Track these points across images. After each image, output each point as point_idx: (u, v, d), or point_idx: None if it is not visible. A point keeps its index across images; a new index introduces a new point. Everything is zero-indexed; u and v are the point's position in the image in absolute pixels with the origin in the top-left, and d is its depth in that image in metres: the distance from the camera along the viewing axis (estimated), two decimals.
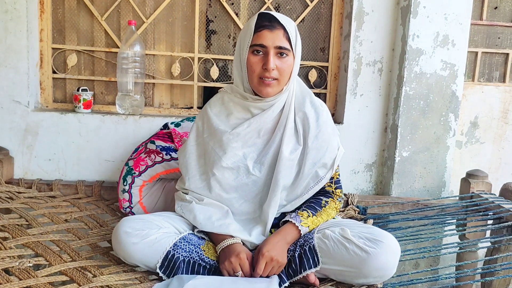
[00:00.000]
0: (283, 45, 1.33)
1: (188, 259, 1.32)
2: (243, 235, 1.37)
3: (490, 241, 1.78)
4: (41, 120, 2.09)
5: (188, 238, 1.37)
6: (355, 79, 2.19)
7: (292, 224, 1.37)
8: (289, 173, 1.41)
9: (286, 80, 1.38)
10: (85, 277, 1.28)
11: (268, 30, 1.32)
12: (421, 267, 2.21)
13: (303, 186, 1.43)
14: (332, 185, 1.50)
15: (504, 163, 2.48)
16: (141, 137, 2.08)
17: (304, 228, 1.37)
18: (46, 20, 2.13)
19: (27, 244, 1.45)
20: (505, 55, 2.46)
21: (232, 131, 1.42)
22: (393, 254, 1.27)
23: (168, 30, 2.24)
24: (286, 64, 1.35)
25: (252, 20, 1.35)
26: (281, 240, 1.34)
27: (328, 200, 1.47)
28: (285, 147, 1.41)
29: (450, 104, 2.15)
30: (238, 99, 1.43)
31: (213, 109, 1.48)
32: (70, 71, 2.20)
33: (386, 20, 2.16)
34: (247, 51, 1.35)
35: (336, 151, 1.45)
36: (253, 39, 1.33)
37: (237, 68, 1.41)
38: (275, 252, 1.30)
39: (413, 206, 1.98)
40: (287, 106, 1.43)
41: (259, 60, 1.34)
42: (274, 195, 1.39)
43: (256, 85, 1.37)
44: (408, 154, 2.16)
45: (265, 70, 1.33)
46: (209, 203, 1.44)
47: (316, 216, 1.41)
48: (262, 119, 1.42)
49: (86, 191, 2.01)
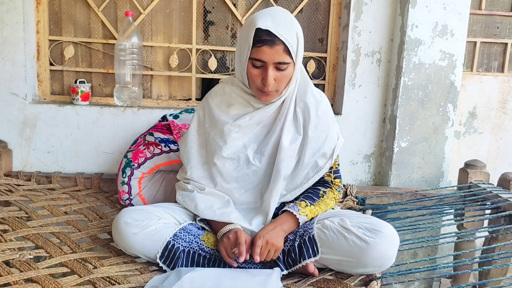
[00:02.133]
0: (282, 60, 1.30)
1: (188, 249, 1.33)
2: (244, 224, 1.38)
3: (487, 231, 1.79)
4: (39, 112, 2.08)
5: (188, 228, 1.38)
6: (354, 69, 2.18)
7: (289, 213, 1.38)
8: (289, 163, 1.42)
9: (285, 85, 1.38)
10: (86, 268, 1.29)
11: (268, 46, 1.27)
12: (419, 257, 2.22)
13: (303, 176, 1.44)
14: (331, 175, 1.50)
15: (502, 153, 2.49)
16: (139, 129, 2.08)
17: (302, 217, 1.38)
18: (42, 12, 2.12)
19: (27, 236, 1.45)
20: (504, 44, 2.45)
21: (234, 123, 1.42)
22: (392, 244, 1.28)
23: (166, 21, 2.23)
24: (286, 75, 1.34)
25: (251, 30, 1.28)
26: (277, 226, 1.35)
27: (326, 190, 1.48)
28: (284, 137, 1.41)
29: (449, 94, 2.15)
30: (240, 92, 1.44)
31: (214, 99, 1.48)
32: (67, 63, 2.19)
33: (384, 10, 2.15)
34: (246, 62, 1.33)
35: (335, 141, 1.46)
36: (252, 52, 1.29)
37: (238, 67, 1.41)
38: (270, 235, 1.31)
39: (411, 197, 1.99)
40: (288, 98, 1.43)
41: (258, 73, 1.32)
42: (275, 185, 1.40)
43: (255, 92, 1.38)
44: (406, 144, 2.16)
45: (264, 84, 1.33)
46: (210, 192, 1.44)
47: (314, 206, 1.42)
48: (264, 113, 1.43)
49: (85, 184, 2.01)
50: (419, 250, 2.23)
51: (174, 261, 1.31)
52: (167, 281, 1.21)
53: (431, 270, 1.53)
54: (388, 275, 1.36)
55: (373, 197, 1.97)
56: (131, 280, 1.26)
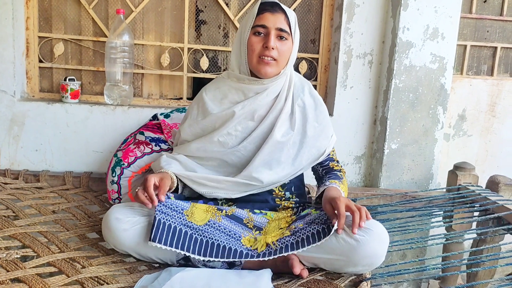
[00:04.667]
0: (283, 27, 1.40)
1: (174, 225, 1.30)
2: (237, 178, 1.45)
3: (476, 233, 1.80)
4: (27, 110, 2.05)
5: (170, 203, 1.34)
6: (345, 71, 2.19)
7: (334, 188, 1.42)
8: (276, 155, 1.46)
9: (284, 63, 1.44)
10: (74, 268, 1.27)
11: (270, 12, 1.40)
12: (408, 258, 2.23)
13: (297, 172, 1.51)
14: (338, 165, 1.58)
15: (491, 156, 2.51)
16: (129, 128, 2.06)
17: (342, 191, 1.43)
18: (32, 8, 2.09)
19: (14, 235, 1.43)
20: (493, 48, 2.48)
21: (227, 110, 1.47)
22: (382, 241, 1.28)
23: (157, 20, 2.21)
24: (286, 47, 1.42)
25: (255, 6, 1.43)
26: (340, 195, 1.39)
27: (342, 174, 1.55)
28: (277, 130, 1.45)
29: (439, 97, 2.16)
30: (233, 83, 1.48)
31: (208, 93, 1.53)
32: (57, 60, 2.16)
33: (376, 12, 2.16)
34: (248, 32, 1.41)
35: (329, 139, 1.55)
36: (255, 20, 1.41)
37: (236, 51, 1.47)
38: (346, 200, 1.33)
39: (401, 198, 2.00)
40: (283, 91, 1.49)
41: (260, 40, 1.41)
42: (248, 170, 1.44)
43: (255, 64, 1.42)
44: (396, 146, 2.17)
45: (265, 48, 1.39)
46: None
47: (342, 184, 1.48)
48: (256, 102, 1.46)
49: (73, 182, 1.98)
50: (408, 252, 2.24)
51: (164, 237, 1.27)
52: (156, 281, 1.20)
53: (420, 272, 1.54)
54: (378, 276, 1.36)
55: (363, 198, 1.98)
56: (120, 280, 1.24)
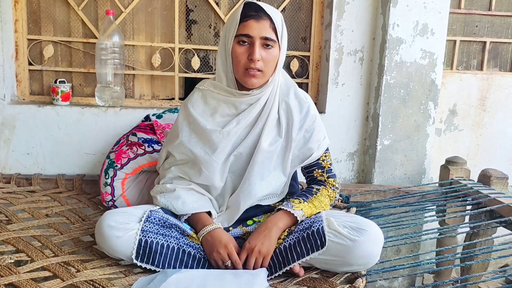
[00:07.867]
0: (269, 36, 1.31)
1: (163, 242, 1.30)
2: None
3: (469, 226, 1.82)
4: (17, 113, 2.03)
5: (157, 217, 1.34)
6: (337, 68, 2.20)
7: (284, 211, 1.37)
8: (267, 165, 1.41)
9: (271, 71, 1.37)
10: (69, 272, 1.26)
11: (254, 20, 1.30)
12: (402, 253, 2.25)
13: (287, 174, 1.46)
14: (324, 175, 1.51)
15: (482, 150, 2.53)
16: (122, 129, 2.05)
17: (297, 211, 1.36)
18: (20, 10, 2.07)
19: (7, 240, 1.42)
20: (483, 43, 2.50)
21: (223, 130, 1.39)
22: (377, 242, 1.29)
23: (148, 20, 2.20)
24: (272, 56, 1.34)
25: (237, 10, 1.34)
26: (271, 227, 1.34)
27: (320, 188, 1.47)
28: (264, 138, 1.40)
29: (430, 92, 2.18)
30: (223, 96, 1.41)
31: (196, 108, 1.43)
32: (46, 63, 2.15)
33: (366, 9, 2.16)
34: (232, 41, 1.33)
35: (321, 141, 1.47)
36: (238, 29, 1.31)
37: (221, 58, 1.39)
38: (258, 242, 1.30)
39: (394, 194, 2.02)
40: (271, 98, 1.42)
41: (244, 51, 1.32)
42: (246, 185, 1.41)
43: (241, 76, 1.35)
44: (389, 142, 2.18)
45: (250, 61, 1.31)
46: (193, 187, 1.44)
47: (307, 202, 1.41)
48: (250, 115, 1.41)
49: (66, 185, 1.97)
50: (402, 247, 2.26)
51: (152, 256, 1.27)
52: (152, 283, 1.20)
53: (415, 266, 1.55)
54: (373, 272, 1.37)
55: (357, 195, 1.99)
56: (115, 283, 1.24)
